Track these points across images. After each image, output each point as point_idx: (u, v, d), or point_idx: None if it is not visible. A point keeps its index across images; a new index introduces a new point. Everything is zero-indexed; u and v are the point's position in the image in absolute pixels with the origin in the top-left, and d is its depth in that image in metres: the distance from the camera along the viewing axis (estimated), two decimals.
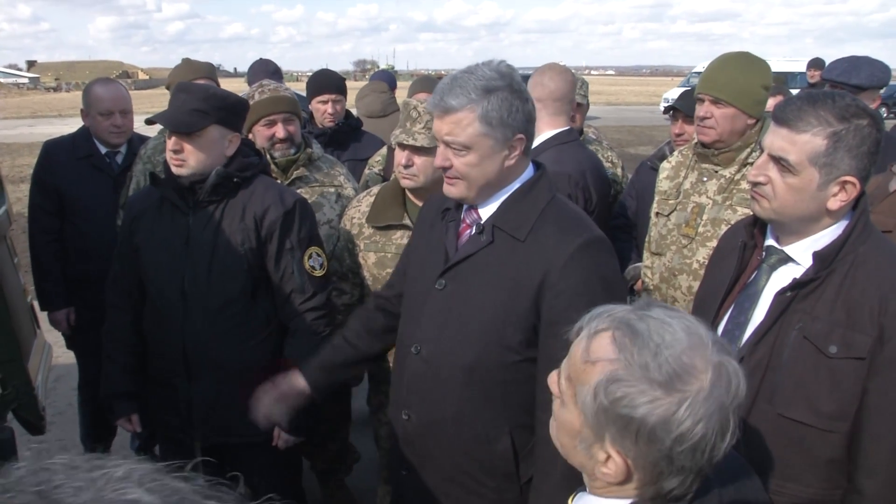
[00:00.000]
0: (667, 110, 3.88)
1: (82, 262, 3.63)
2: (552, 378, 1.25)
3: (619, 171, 3.98)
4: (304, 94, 4.23)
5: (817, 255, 1.71)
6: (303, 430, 2.64)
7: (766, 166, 1.75)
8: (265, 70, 4.36)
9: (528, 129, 1.91)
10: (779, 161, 1.72)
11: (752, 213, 1.90)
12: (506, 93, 1.83)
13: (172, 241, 2.51)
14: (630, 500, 1.14)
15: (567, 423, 1.16)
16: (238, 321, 2.52)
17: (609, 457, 1.09)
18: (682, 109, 3.49)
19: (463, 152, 1.86)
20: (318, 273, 2.62)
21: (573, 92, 3.27)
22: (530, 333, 1.89)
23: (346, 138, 4.15)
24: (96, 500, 0.57)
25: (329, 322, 2.66)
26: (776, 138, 1.72)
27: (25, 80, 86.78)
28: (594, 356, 1.09)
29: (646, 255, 3.07)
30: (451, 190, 1.95)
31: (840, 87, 3.54)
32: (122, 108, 3.65)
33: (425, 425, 2.05)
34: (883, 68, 3.64)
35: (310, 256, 2.59)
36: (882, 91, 3.77)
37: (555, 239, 1.86)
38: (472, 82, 1.82)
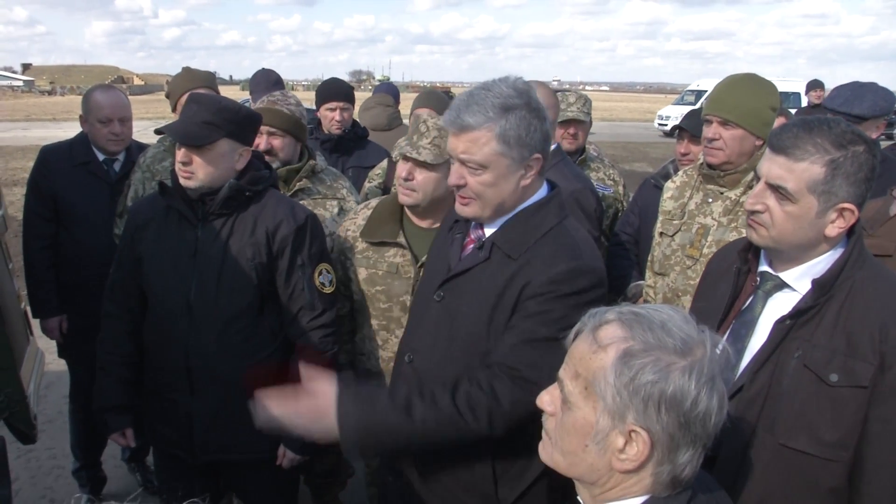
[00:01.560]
0: (672, 129, 3.89)
1: (76, 270, 3.58)
2: (543, 399, 1.26)
3: (620, 188, 3.97)
4: (304, 104, 4.25)
5: (816, 283, 1.70)
6: (310, 448, 2.60)
7: (763, 194, 1.75)
8: (267, 80, 4.36)
9: (545, 149, 1.89)
10: (777, 189, 1.71)
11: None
12: (524, 111, 1.80)
13: (179, 252, 2.46)
14: (644, 498, 1.17)
15: (577, 422, 1.18)
16: (244, 336, 2.48)
17: (627, 441, 1.13)
18: (688, 129, 3.48)
19: (479, 171, 1.84)
20: (328, 290, 2.59)
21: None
22: None
23: (352, 146, 4.21)
24: None
25: (336, 340, 2.63)
26: (773, 166, 1.72)
27: (20, 83, 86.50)
28: (605, 342, 1.15)
29: (648, 274, 3.06)
30: (465, 210, 1.93)
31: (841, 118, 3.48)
32: (122, 115, 3.61)
33: None
34: (886, 96, 3.57)
35: (320, 273, 2.56)
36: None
37: (542, 260, 1.84)
38: (489, 100, 1.79)
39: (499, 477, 1.96)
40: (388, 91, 5.34)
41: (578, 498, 1.28)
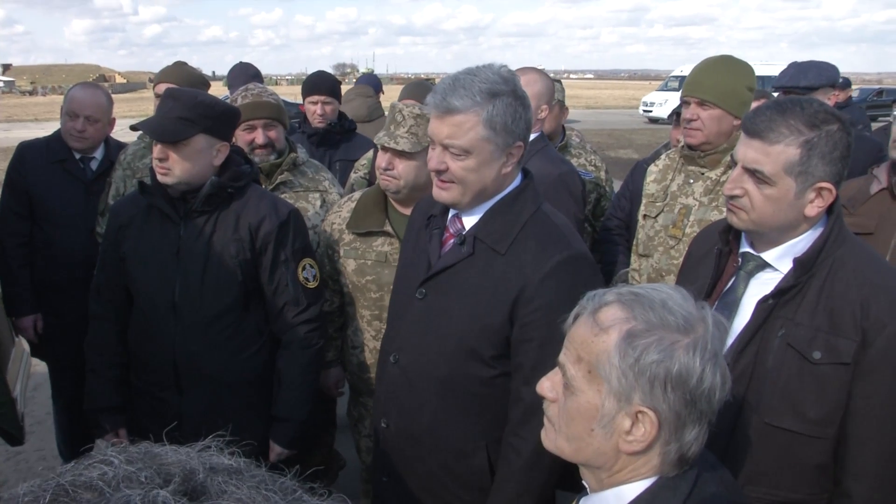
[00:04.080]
0: (671, 115, 3.95)
1: (50, 269, 3.51)
2: (543, 385, 1.24)
3: (602, 174, 3.97)
4: (288, 99, 4.20)
5: (798, 261, 1.71)
6: (297, 442, 2.60)
7: (741, 179, 1.75)
8: (245, 73, 4.32)
9: (527, 138, 1.88)
10: (754, 173, 1.71)
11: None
12: (510, 98, 1.78)
13: (162, 251, 2.44)
14: (653, 479, 1.16)
15: (581, 407, 1.16)
16: (230, 333, 2.47)
17: (634, 422, 1.12)
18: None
19: (462, 156, 1.81)
20: (312, 285, 2.58)
21: (549, 96, 3.26)
22: (504, 348, 1.86)
23: (338, 139, 4.16)
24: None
25: (322, 334, 2.62)
26: (749, 150, 1.72)
27: (0, 84, 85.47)
28: (606, 324, 1.14)
29: (633, 258, 3.07)
30: (443, 195, 1.89)
31: (793, 92, 3.69)
32: (89, 114, 3.49)
33: (402, 435, 2.04)
34: (828, 67, 3.79)
35: (303, 268, 2.55)
36: (854, 93, 3.94)
37: (533, 254, 1.82)
38: (476, 84, 1.76)
39: (496, 469, 1.94)
40: (369, 82, 5.32)
41: (584, 482, 1.26)
